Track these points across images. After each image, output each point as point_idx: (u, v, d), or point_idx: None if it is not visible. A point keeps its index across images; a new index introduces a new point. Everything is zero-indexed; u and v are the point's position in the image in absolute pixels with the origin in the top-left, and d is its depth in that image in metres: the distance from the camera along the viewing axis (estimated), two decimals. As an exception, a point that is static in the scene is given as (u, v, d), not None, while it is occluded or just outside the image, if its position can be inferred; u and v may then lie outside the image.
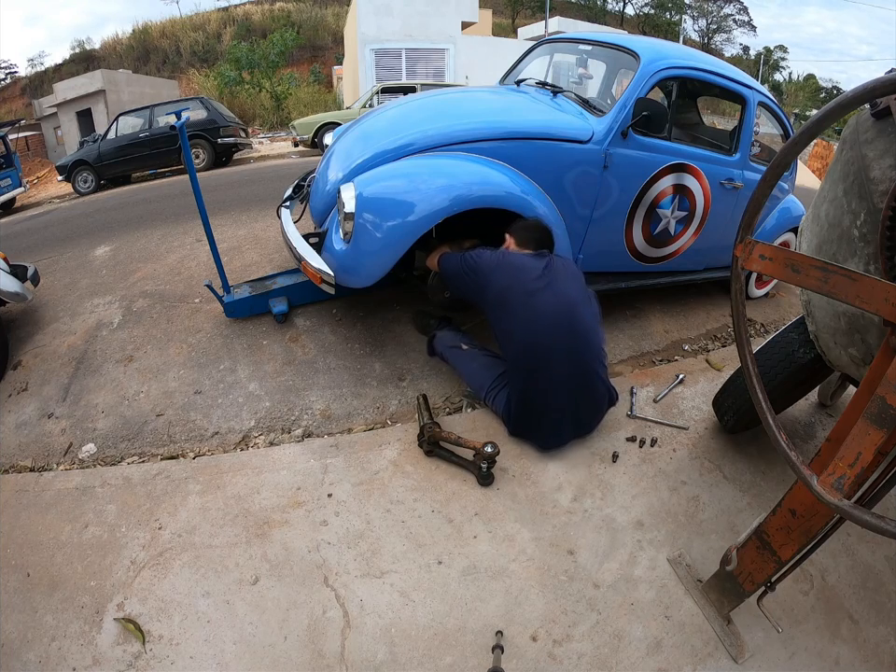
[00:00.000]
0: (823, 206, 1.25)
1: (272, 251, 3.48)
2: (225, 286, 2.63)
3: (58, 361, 2.55)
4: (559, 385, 1.80)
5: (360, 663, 1.30)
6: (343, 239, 2.08)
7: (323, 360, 2.43)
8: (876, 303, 0.81)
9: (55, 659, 1.31)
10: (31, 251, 4.27)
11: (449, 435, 1.82)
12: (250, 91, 15.97)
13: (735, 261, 1.03)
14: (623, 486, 1.81)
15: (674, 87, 2.82)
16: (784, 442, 0.97)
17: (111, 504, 1.71)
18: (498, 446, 1.72)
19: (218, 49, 25.61)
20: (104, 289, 3.20)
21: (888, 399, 0.83)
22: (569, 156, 2.24)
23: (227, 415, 2.16)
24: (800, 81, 38.33)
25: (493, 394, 2.00)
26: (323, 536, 1.59)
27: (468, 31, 14.09)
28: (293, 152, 9.89)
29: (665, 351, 2.75)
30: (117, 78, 16.16)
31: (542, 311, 1.78)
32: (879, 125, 1.07)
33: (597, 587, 1.48)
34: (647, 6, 37.51)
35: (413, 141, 2.19)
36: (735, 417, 1.93)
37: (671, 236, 2.64)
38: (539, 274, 1.83)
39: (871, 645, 1.41)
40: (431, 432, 1.82)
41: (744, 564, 1.28)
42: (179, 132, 2.14)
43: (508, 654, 1.30)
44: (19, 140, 14.22)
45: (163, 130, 8.31)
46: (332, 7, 27.55)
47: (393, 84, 9.98)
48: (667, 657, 1.33)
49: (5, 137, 8.91)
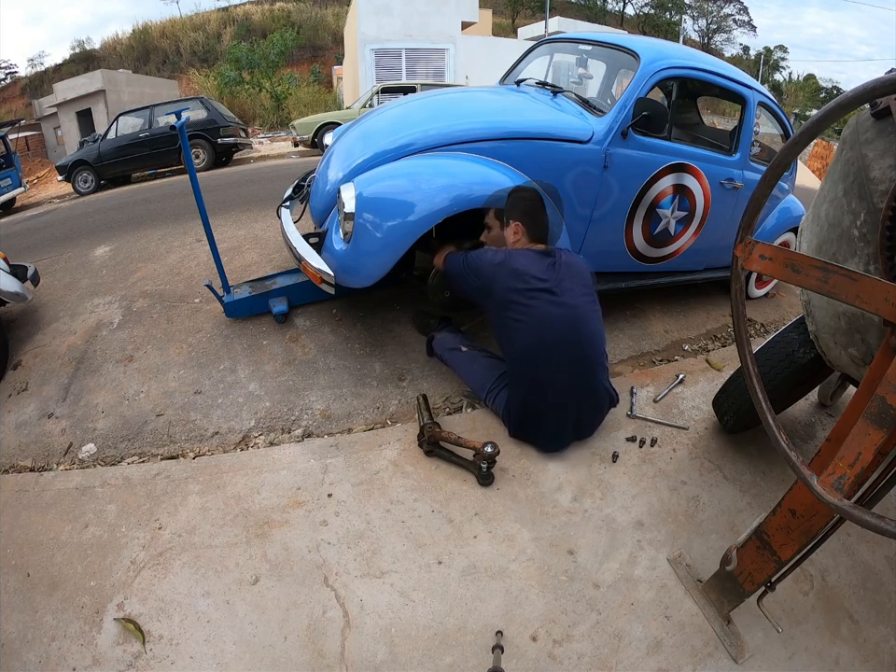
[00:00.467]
0: (823, 206, 1.25)
1: (272, 251, 3.49)
2: (225, 286, 2.63)
3: (58, 361, 2.55)
4: (561, 388, 1.79)
5: (360, 663, 1.30)
6: (343, 239, 2.08)
7: (323, 360, 2.43)
8: (876, 303, 0.81)
9: (55, 659, 1.31)
10: (31, 251, 4.27)
11: (449, 435, 1.82)
12: (250, 91, 15.97)
13: (735, 261, 1.03)
14: (622, 486, 1.80)
15: (674, 87, 2.82)
16: (784, 442, 0.97)
17: (111, 504, 1.71)
18: (498, 446, 1.72)
19: (218, 49, 25.60)
20: (104, 289, 3.20)
21: (888, 399, 0.83)
22: (569, 156, 2.24)
23: (227, 415, 2.16)
24: (800, 81, 38.35)
25: (493, 394, 1.99)
26: (323, 536, 1.59)
27: (468, 31, 14.09)
28: (293, 152, 9.90)
29: (665, 351, 2.75)
30: (117, 78, 16.16)
31: (546, 315, 1.76)
32: (879, 125, 1.07)
33: (597, 587, 1.48)
34: (647, 6, 37.51)
35: (414, 141, 2.19)
36: (735, 417, 1.93)
37: (671, 236, 2.64)
38: (544, 275, 1.79)
39: (871, 645, 1.41)
40: (431, 432, 1.82)
41: (744, 564, 1.28)
42: (179, 132, 2.14)
43: (508, 654, 1.30)
44: (19, 140, 14.23)
45: (163, 130, 8.32)
46: (332, 7, 27.55)
47: (393, 84, 9.99)
48: (667, 657, 1.33)
49: (5, 137, 8.91)
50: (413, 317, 2.63)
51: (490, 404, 2.03)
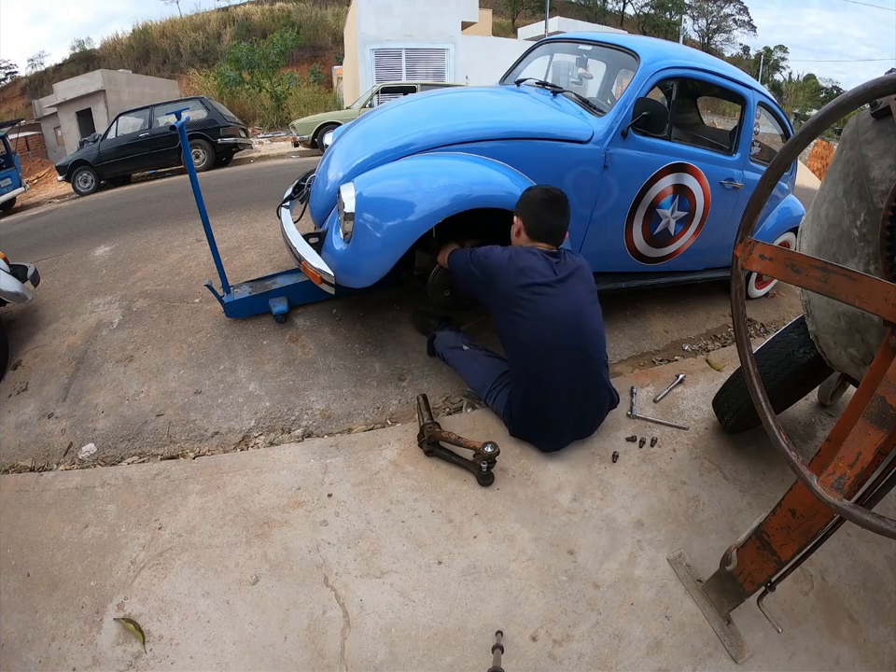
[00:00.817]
0: (823, 206, 1.25)
1: (272, 251, 3.49)
2: (225, 286, 2.63)
3: (58, 361, 2.55)
4: (563, 388, 1.79)
5: (360, 663, 1.30)
6: (343, 239, 2.07)
7: (323, 360, 2.43)
8: (876, 303, 0.81)
9: (55, 659, 1.31)
10: (31, 251, 4.27)
11: (449, 435, 1.82)
12: (250, 91, 15.98)
13: (735, 261, 1.03)
14: (622, 486, 1.80)
15: (674, 87, 2.82)
16: (784, 442, 0.97)
17: (111, 504, 1.71)
18: (498, 446, 1.72)
19: (218, 49, 25.63)
20: (104, 289, 3.20)
21: (888, 399, 0.83)
22: (569, 156, 2.24)
23: (227, 415, 2.16)
24: (800, 81, 38.36)
25: (494, 393, 1.99)
26: (323, 536, 1.59)
27: (468, 31, 14.10)
28: (293, 152, 9.90)
29: (665, 351, 2.75)
30: (117, 78, 16.17)
31: (550, 313, 1.75)
32: (879, 125, 1.07)
33: (597, 587, 1.48)
34: (647, 6, 37.54)
35: (414, 141, 2.19)
36: (735, 417, 1.93)
37: (671, 236, 2.64)
38: (548, 276, 1.79)
39: (871, 645, 1.41)
40: (431, 432, 1.82)
41: (744, 564, 1.28)
42: (179, 132, 2.14)
43: (508, 654, 1.30)
44: (19, 140, 14.24)
45: (163, 130, 8.32)
46: (332, 7, 27.58)
47: (393, 84, 9.99)
48: (667, 657, 1.33)
49: (5, 137, 8.92)
50: (413, 317, 2.63)
51: (491, 403, 2.03)
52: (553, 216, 1.88)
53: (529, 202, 1.90)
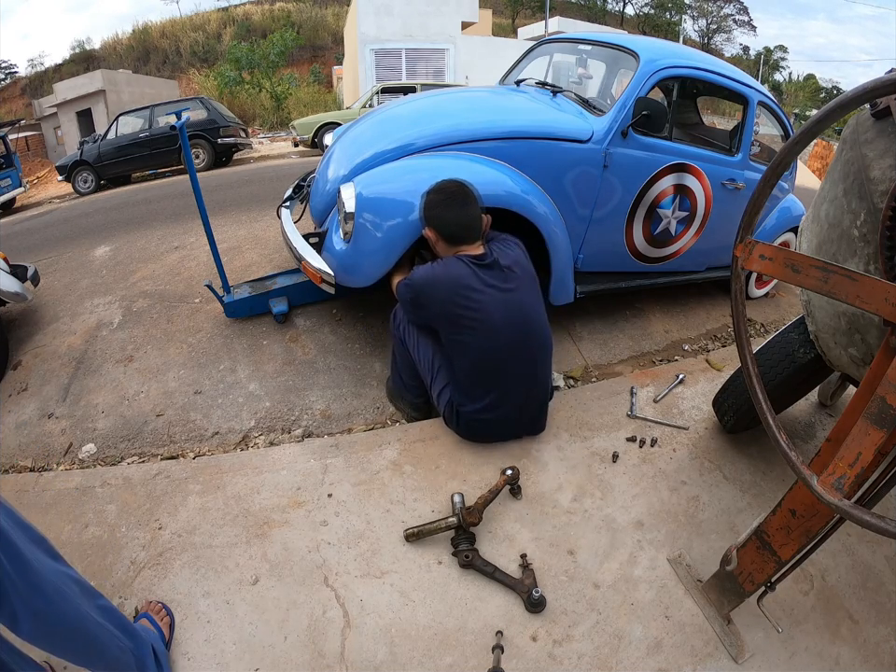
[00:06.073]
0: (823, 206, 1.25)
1: (272, 251, 3.49)
2: (225, 286, 2.63)
3: (58, 361, 2.55)
4: (514, 389, 1.76)
5: (360, 663, 1.30)
6: (343, 239, 2.08)
7: (323, 360, 2.43)
8: (876, 303, 0.81)
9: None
10: (31, 251, 4.27)
11: None
12: (250, 92, 16.00)
13: (735, 261, 1.03)
14: (623, 486, 1.80)
15: (674, 87, 2.82)
16: (784, 442, 0.97)
17: (111, 504, 1.71)
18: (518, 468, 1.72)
19: (218, 49, 25.65)
20: (104, 289, 3.20)
21: (888, 399, 0.83)
22: (569, 156, 2.24)
23: (227, 415, 2.16)
24: (800, 81, 38.38)
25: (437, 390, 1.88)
26: (323, 536, 1.59)
27: (468, 31, 14.11)
28: (293, 152, 9.90)
29: (665, 351, 2.75)
30: (117, 78, 16.19)
31: (489, 316, 1.67)
32: (879, 125, 1.06)
33: (597, 587, 1.48)
34: (647, 6, 37.57)
35: (414, 141, 2.19)
36: (735, 417, 1.93)
37: (672, 236, 2.64)
38: (477, 279, 1.67)
39: (871, 645, 1.41)
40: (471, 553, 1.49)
41: (744, 564, 1.28)
42: (179, 132, 2.14)
43: (508, 654, 1.30)
44: (19, 140, 14.25)
45: (163, 130, 8.33)
46: (332, 7, 27.61)
47: (393, 84, 10.00)
48: (667, 657, 1.33)
49: (5, 137, 8.92)
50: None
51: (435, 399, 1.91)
52: (458, 212, 1.72)
53: (429, 208, 1.75)
